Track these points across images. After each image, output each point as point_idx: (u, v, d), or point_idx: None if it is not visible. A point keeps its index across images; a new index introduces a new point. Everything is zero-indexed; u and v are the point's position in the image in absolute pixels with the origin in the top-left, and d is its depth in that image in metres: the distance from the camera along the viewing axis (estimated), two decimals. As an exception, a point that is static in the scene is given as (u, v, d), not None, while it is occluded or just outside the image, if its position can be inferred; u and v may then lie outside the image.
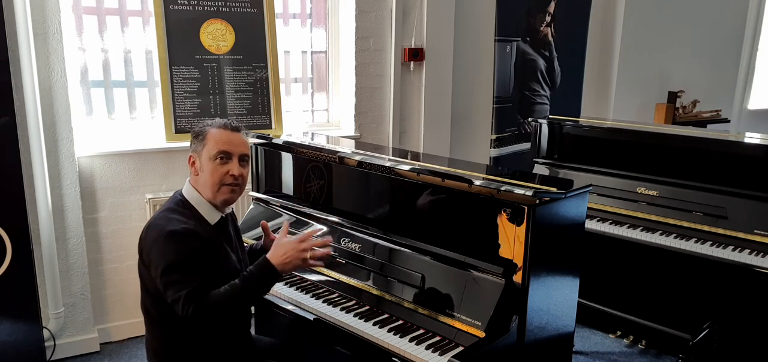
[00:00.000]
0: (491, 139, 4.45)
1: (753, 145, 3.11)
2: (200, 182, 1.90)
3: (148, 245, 1.82)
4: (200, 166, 1.89)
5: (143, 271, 1.87)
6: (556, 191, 1.93)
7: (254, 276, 1.84)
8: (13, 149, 2.63)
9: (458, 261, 2.04)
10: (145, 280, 1.87)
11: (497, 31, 4.28)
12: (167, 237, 1.76)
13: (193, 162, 1.91)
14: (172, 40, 3.25)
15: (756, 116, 6.94)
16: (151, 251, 1.79)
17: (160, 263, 1.76)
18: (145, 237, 1.85)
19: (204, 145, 1.88)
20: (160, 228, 1.80)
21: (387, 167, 2.27)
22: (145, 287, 1.89)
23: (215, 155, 1.86)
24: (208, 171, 1.87)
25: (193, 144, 1.92)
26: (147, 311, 1.93)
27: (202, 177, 1.89)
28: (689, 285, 3.09)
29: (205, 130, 1.91)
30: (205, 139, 1.89)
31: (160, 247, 1.77)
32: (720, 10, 5.85)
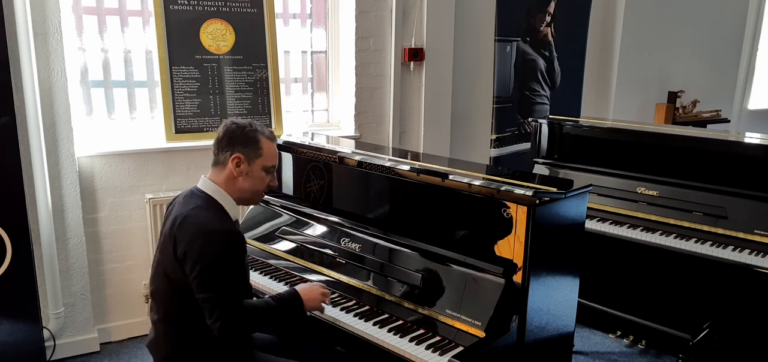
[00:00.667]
0: (491, 139, 4.45)
1: (753, 145, 3.11)
2: (238, 184, 1.91)
3: (186, 242, 1.77)
4: (248, 170, 1.90)
5: (172, 266, 1.82)
6: (556, 191, 1.93)
7: (285, 301, 1.93)
8: (13, 149, 2.62)
9: (458, 261, 2.04)
10: (173, 276, 1.82)
11: (497, 31, 4.28)
12: (223, 235, 1.78)
13: (238, 163, 1.89)
14: (172, 40, 3.25)
15: (756, 116, 6.94)
16: (193, 248, 1.75)
17: (205, 262, 1.74)
18: (182, 233, 1.79)
19: (259, 154, 1.91)
20: (201, 225, 1.78)
21: (387, 167, 2.27)
22: (168, 279, 1.84)
23: (270, 167, 1.95)
24: (258, 179, 1.93)
25: (239, 146, 1.89)
26: (165, 309, 1.88)
27: (245, 180, 1.91)
28: (689, 285, 3.09)
29: (257, 136, 1.91)
30: (259, 147, 1.91)
31: (207, 246, 1.75)
32: (720, 10, 5.85)
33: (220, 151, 1.91)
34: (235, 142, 1.89)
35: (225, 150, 1.90)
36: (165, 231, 1.88)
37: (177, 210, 1.87)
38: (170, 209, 1.98)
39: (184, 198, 1.93)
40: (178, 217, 1.82)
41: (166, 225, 1.89)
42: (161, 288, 1.88)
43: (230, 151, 1.89)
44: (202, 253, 1.75)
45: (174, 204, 1.97)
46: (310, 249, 2.45)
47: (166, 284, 1.85)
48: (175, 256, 1.79)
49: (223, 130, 1.92)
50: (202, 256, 1.74)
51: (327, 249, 2.40)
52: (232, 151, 1.89)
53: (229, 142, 1.90)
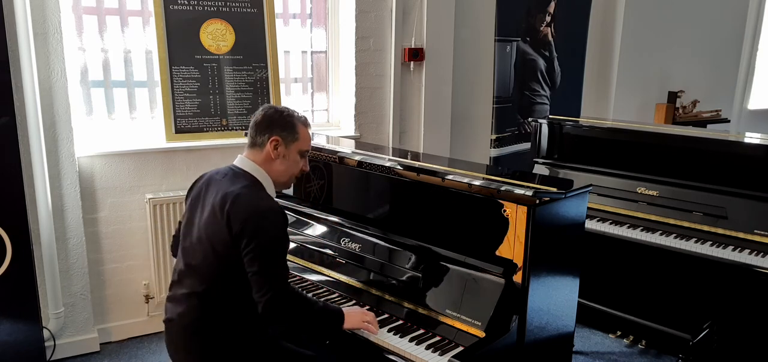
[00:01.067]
0: (491, 139, 4.45)
1: (753, 145, 3.11)
2: (275, 166, 1.98)
3: (243, 215, 1.81)
4: (285, 152, 1.98)
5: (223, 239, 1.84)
6: (556, 191, 1.93)
7: (330, 310, 1.97)
8: (13, 149, 2.63)
9: (458, 261, 2.04)
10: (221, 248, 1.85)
11: (497, 31, 4.28)
12: (280, 214, 1.85)
13: (276, 146, 1.96)
14: (172, 40, 3.25)
15: (756, 116, 6.94)
16: (251, 222, 1.80)
17: (270, 236, 1.81)
18: (238, 208, 1.83)
19: (295, 138, 1.99)
20: (257, 201, 1.85)
21: (387, 167, 2.27)
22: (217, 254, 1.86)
23: (304, 152, 2.03)
24: (294, 162, 2.01)
25: (277, 129, 1.96)
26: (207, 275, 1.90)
27: (281, 163, 1.98)
28: (689, 285, 3.08)
29: (293, 121, 1.99)
30: (296, 131, 1.99)
31: (271, 222, 1.82)
32: (720, 10, 5.85)
33: (259, 134, 1.97)
34: (273, 125, 1.97)
35: (263, 132, 1.96)
36: (214, 206, 1.89)
37: (225, 187, 1.90)
38: (204, 185, 2.01)
39: (224, 176, 1.97)
40: (229, 195, 1.86)
41: (213, 201, 1.90)
42: (207, 263, 1.89)
43: (269, 133, 1.96)
44: (260, 230, 1.81)
45: (209, 181, 2.00)
46: (310, 249, 2.45)
47: (214, 259, 1.88)
48: (230, 232, 1.83)
49: (262, 114, 1.99)
50: (259, 233, 1.80)
51: (327, 249, 2.39)
52: (270, 133, 1.96)
53: (269, 125, 1.97)
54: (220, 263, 1.87)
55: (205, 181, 2.04)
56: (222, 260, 1.87)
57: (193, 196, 2.05)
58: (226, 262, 1.86)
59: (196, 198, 2.02)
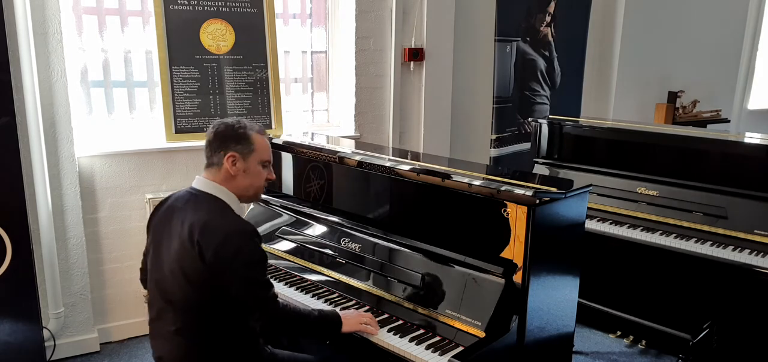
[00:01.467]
0: (491, 139, 4.45)
1: (753, 145, 3.11)
2: (236, 181, 1.92)
3: (216, 242, 1.75)
4: (244, 167, 1.91)
5: (196, 270, 1.78)
6: (556, 191, 1.93)
7: (326, 317, 1.96)
8: (13, 149, 2.63)
9: (458, 261, 2.04)
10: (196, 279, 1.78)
11: (497, 31, 4.28)
12: (252, 235, 1.81)
13: (234, 161, 1.90)
14: (172, 40, 3.25)
15: (756, 116, 6.94)
16: (225, 248, 1.75)
17: (246, 260, 1.78)
18: (208, 236, 1.77)
19: (252, 150, 1.92)
20: (228, 225, 1.80)
21: (387, 167, 2.27)
22: (192, 286, 1.80)
23: (265, 162, 1.96)
24: (255, 174, 1.94)
25: (232, 144, 1.90)
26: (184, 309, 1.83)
27: (243, 178, 1.92)
28: (689, 285, 3.08)
29: (248, 133, 1.92)
30: (252, 143, 1.92)
31: (244, 245, 1.78)
32: (720, 11, 5.85)
33: (213, 153, 1.91)
34: (227, 141, 1.90)
35: (218, 150, 1.90)
36: (182, 237, 1.81)
37: (190, 215, 1.83)
38: (166, 213, 1.93)
39: (186, 202, 1.89)
40: (196, 224, 1.79)
41: (180, 231, 1.83)
42: (185, 296, 1.82)
43: (223, 150, 1.89)
44: (235, 255, 1.76)
45: (172, 209, 1.92)
46: (310, 249, 2.45)
47: (191, 291, 1.81)
48: (203, 262, 1.76)
49: (213, 132, 1.92)
50: (234, 259, 1.76)
51: (327, 249, 2.40)
52: (225, 150, 1.89)
53: (222, 141, 1.90)
54: (198, 294, 1.81)
55: (166, 209, 1.95)
56: (199, 291, 1.80)
57: (155, 225, 1.97)
58: (204, 293, 1.80)
59: (159, 228, 1.94)
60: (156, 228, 1.96)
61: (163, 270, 1.88)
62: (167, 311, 1.87)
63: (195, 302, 1.82)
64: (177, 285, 1.83)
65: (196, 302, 1.82)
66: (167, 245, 1.87)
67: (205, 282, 1.79)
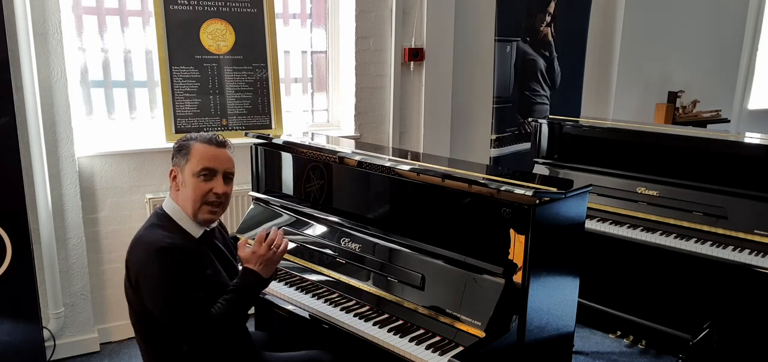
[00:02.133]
0: (491, 139, 4.45)
1: (753, 145, 3.11)
2: (181, 197, 1.82)
3: (135, 265, 1.72)
4: (182, 180, 1.81)
5: (130, 292, 1.77)
6: (556, 191, 1.93)
7: (243, 286, 1.81)
8: (13, 149, 2.63)
9: (458, 261, 2.04)
10: (133, 301, 1.77)
11: (497, 31, 4.28)
12: (156, 253, 1.68)
13: (174, 176, 1.83)
14: (172, 40, 3.25)
15: (756, 116, 6.94)
16: (141, 271, 1.71)
17: (153, 284, 1.68)
18: (131, 256, 1.75)
19: (187, 160, 1.80)
20: (145, 245, 1.72)
21: (387, 167, 2.27)
22: (132, 308, 1.80)
23: (199, 171, 1.80)
24: (191, 187, 1.79)
25: (175, 157, 1.83)
26: (137, 331, 1.84)
27: (183, 192, 1.81)
28: (689, 285, 3.09)
29: (188, 143, 1.82)
30: (189, 152, 1.81)
31: (151, 267, 1.68)
32: (720, 10, 5.85)
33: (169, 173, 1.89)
34: (173, 156, 1.86)
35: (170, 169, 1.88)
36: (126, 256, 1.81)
37: (138, 232, 1.81)
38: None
39: (148, 218, 1.89)
40: (132, 242, 1.77)
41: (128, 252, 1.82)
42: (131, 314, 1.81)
43: (170, 167, 1.86)
44: (152, 276, 1.68)
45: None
46: (310, 249, 2.45)
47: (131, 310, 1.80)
48: (131, 284, 1.73)
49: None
50: (153, 279, 1.68)
51: (327, 249, 2.39)
52: (170, 166, 1.86)
53: (172, 157, 1.87)
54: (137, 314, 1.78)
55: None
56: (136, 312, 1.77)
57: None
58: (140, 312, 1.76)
59: None
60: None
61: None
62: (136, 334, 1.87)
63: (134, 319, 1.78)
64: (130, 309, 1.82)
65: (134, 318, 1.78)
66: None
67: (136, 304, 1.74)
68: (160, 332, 1.77)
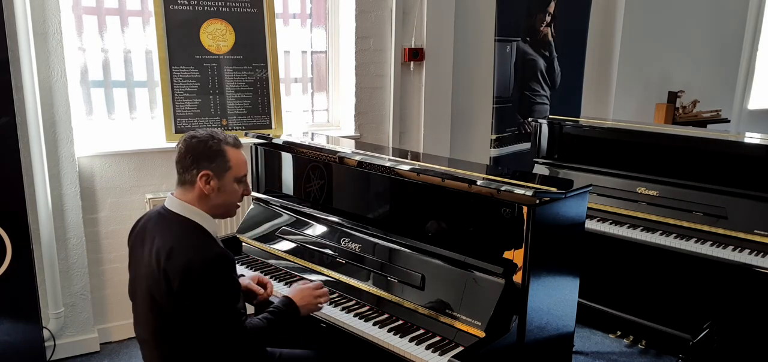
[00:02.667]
0: (491, 139, 4.45)
1: (753, 145, 3.11)
2: (211, 200, 1.81)
3: (180, 270, 1.67)
4: (219, 185, 1.80)
5: (165, 299, 1.70)
6: (556, 191, 1.93)
7: (282, 312, 1.90)
8: (13, 149, 2.63)
9: (458, 261, 2.04)
10: (166, 307, 1.71)
11: (497, 31, 4.28)
12: (218, 262, 1.70)
13: (208, 180, 1.79)
14: (172, 40, 3.25)
15: (756, 116, 6.94)
16: (189, 277, 1.66)
17: (203, 292, 1.68)
18: (173, 263, 1.68)
19: (227, 166, 1.80)
20: (193, 254, 1.69)
21: (387, 167, 2.27)
22: (166, 318, 1.73)
23: (241, 177, 1.85)
24: (231, 192, 1.83)
25: (205, 162, 1.78)
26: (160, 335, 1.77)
27: (216, 196, 1.80)
28: (689, 285, 3.09)
29: (221, 147, 1.80)
30: (226, 158, 1.80)
31: (202, 275, 1.67)
32: (720, 10, 5.85)
33: (185, 170, 1.79)
34: (199, 159, 1.78)
35: (190, 168, 1.78)
36: (151, 261, 1.73)
37: (158, 239, 1.74)
38: (141, 231, 1.86)
39: (156, 224, 1.80)
40: (162, 249, 1.70)
41: (149, 254, 1.75)
42: (156, 326, 1.75)
43: (196, 168, 1.77)
44: (200, 285, 1.67)
45: (145, 227, 1.85)
46: (310, 249, 2.45)
47: (160, 321, 1.74)
48: (170, 289, 1.68)
49: (184, 147, 1.79)
50: (200, 288, 1.67)
51: (327, 249, 2.40)
52: (198, 168, 1.77)
53: (194, 159, 1.78)
54: (169, 324, 1.73)
55: (140, 229, 1.87)
56: (170, 320, 1.72)
57: (131, 245, 1.90)
58: (174, 322, 1.72)
59: (135, 244, 1.87)
60: (133, 245, 1.88)
61: (137, 295, 1.82)
62: (145, 342, 1.83)
63: (167, 331, 1.74)
64: (149, 312, 1.76)
65: (168, 331, 1.74)
66: (139, 270, 1.81)
67: (175, 312, 1.70)
68: (186, 338, 1.74)
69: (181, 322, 1.72)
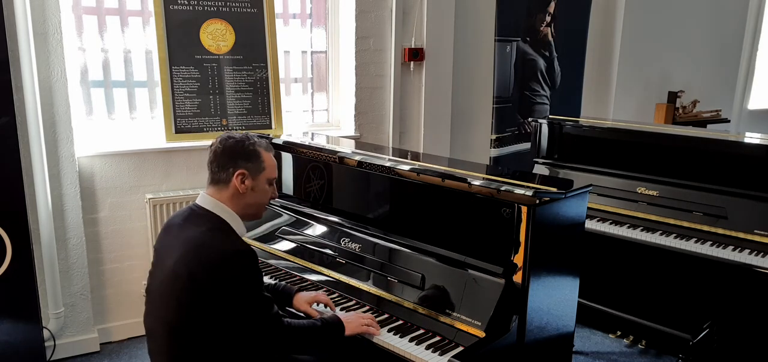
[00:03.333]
0: (491, 139, 4.45)
1: (753, 145, 3.11)
2: (243, 199, 1.85)
3: (214, 265, 1.68)
4: (252, 185, 1.85)
5: (187, 294, 1.69)
6: (556, 191, 1.93)
7: (329, 324, 1.92)
8: (13, 149, 2.63)
9: (458, 261, 2.04)
10: (188, 304, 1.70)
11: (497, 31, 4.28)
12: (251, 256, 1.73)
13: (243, 179, 1.83)
14: (172, 40, 3.25)
15: (756, 116, 6.94)
16: (224, 272, 1.68)
17: (247, 283, 1.71)
18: (196, 259, 1.69)
19: (263, 167, 1.87)
20: (219, 249, 1.71)
21: (387, 167, 2.27)
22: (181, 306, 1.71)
23: (272, 180, 1.92)
24: (262, 192, 1.89)
25: (242, 161, 1.83)
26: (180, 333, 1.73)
27: (250, 196, 1.86)
28: (689, 285, 3.09)
29: (257, 150, 1.87)
30: (261, 160, 1.87)
31: (245, 267, 1.71)
32: (720, 10, 5.85)
33: (221, 169, 1.84)
34: (237, 157, 1.83)
35: (226, 167, 1.83)
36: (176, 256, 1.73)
37: (186, 233, 1.77)
38: (166, 231, 1.87)
39: (185, 219, 1.83)
40: (191, 242, 1.73)
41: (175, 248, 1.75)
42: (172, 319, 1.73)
43: (232, 167, 1.83)
44: (239, 277, 1.70)
45: (169, 227, 1.87)
46: (310, 249, 2.45)
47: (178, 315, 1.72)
48: (196, 283, 1.69)
49: (221, 146, 1.85)
50: (238, 280, 1.70)
51: (327, 249, 2.40)
52: (234, 167, 1.83)
53: (231, 157, 1.83)
54: (188, 318, 1.71)
55: (165, 226, 1.90)
56: (190, 314, 1.71)
57: (161, 235, 1.90)
58: (194, 316, 1.70)
59: (163, 236, 1.88)
60: (159, 240, 1.90)
61: (156, 285, 1.82)
62: (155, 332, 1.82)
63: (185, 325, 1.73)
64: (167, 307, 1.75)
65: (185, 325, 1.73)
66: (162, 265, 1.80)
67: (197, 305, 1.69)
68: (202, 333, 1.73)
69: (200, 316, 1.71)
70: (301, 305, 2.11)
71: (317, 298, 2.13)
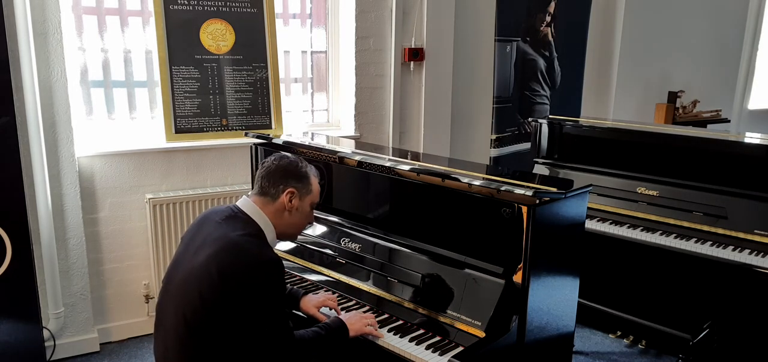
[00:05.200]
0: (491, 139, 4.45)
1: (753, 145, 3.11)
2: (286, 218, 1.91)
3: (243, 268, 1.70)
4: (298, 205, 1.92)
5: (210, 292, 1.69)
6: (556, 191, 1.93)
7: (333, 330, 1.94)
8: (13, 149, 2.63)
9: (458, 261, 2.04)
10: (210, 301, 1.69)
11: (497, 31, 4.28)
12: (279, 267, 1.75)
13: (291, 197, 1.90)
14: (172, 40, 3.25)
15: (756, 116, 6.94)
16: (252, 277, 1.70)
17: (271, 292, 1.73)
18: (226, 260, 1.71)
19: (310, 190, 1.96)
20: (252, 254, 1.74)
21: (387, 167, 2.27)
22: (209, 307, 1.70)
23: (314, 205, 2.00)
24: (305, 215, 1.97)
25: (294, 181, 1.91)
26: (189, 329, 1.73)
27: (294, 215, 1.92)
28: (689, 285, 3.09)
29: (308, 174, 1.96)
30: (310, 183, 1.96)
31: (272, 276, 1.73)
32: (720, 11, 5.85)
33: (272, 184, 1.90)
34: (288, 177, 1.91)
35: (278, 183, 1.90)
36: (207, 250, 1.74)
37: (222, 229, 1.79)
38: (199, 223, 1.89)
39: (224, 218, 1.85)
40: (225, 239, 1.75)
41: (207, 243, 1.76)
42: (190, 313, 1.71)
43: (284, 184, 1.90)
44: (263, 285, 1.71)
45: (204, 219, 1.89)
46: (310, 249, 2.45)
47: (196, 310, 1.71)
48: (223, 283, 1.69)
49: (275, 164, 1.93)
50: (263, 288, 1.71)
51: (327, 249, 2.40)
52: (285, 184, 1.90)
53: (284, 175, 1.91)
54: (207, 315, 1.70)
55: (200, 219, 1.91)
56: (209, 311, 1.70)
57: (186, 237, 1.92)
58: (213, 316, 1.70)
59: (188, 236, 1.90)
60: (186, 238, 1.90)
61: (179, 279, 1.80)
62: (165, 327, 1.81)
63: (202, 322, 1.72)
64: (188, 300, 1.73)
65: (203, 322, 1.72)
66: (190, 256, 1.80)
67: (219, 305, 1.69)
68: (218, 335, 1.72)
69: (220, 316, 1.71)
70: (309, 309, 2.11)
71: (325, 302, 2.13)
